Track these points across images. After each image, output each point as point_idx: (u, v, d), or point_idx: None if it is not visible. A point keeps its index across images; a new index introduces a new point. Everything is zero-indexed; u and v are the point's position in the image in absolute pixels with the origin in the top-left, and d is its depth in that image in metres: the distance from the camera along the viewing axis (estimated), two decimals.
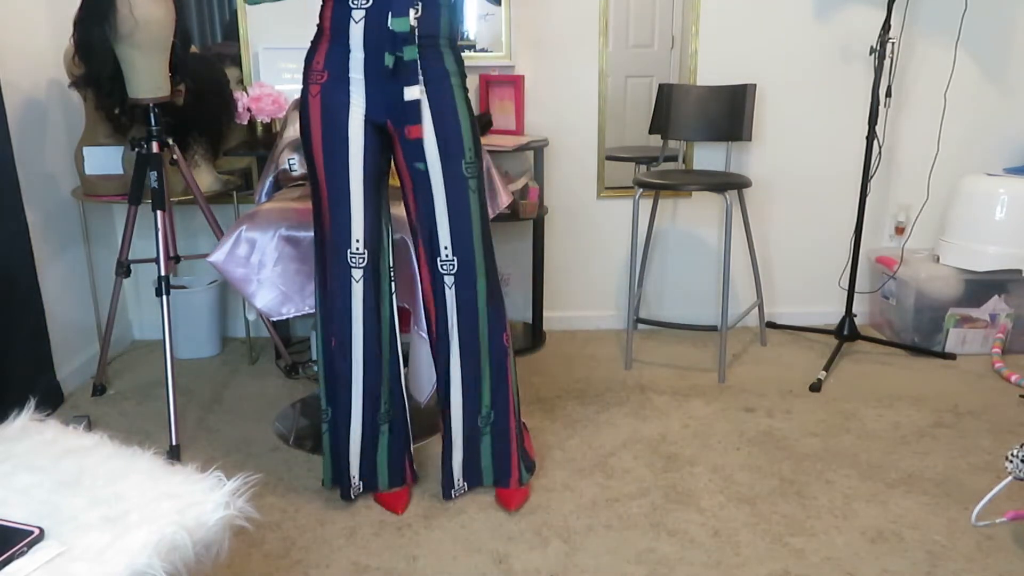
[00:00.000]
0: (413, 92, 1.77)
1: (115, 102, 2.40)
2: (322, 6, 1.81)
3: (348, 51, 1.78)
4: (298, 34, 2.87)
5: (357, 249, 1.88)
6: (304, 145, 1.86)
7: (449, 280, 1.90)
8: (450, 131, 1.83)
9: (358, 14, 1.74)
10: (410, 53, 1.75)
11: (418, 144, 1.81)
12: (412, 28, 1.73)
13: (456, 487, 2.05)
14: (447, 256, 1.89)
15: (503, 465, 2.03)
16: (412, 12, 1.73)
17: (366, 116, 1.82)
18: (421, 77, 1.78)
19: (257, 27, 2.93)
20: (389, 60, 1.75)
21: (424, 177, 1.84)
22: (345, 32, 1.76)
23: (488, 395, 1.98)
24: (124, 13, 2.20)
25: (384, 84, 1.79)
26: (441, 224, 1.86)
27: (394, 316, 1.98)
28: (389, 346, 1.98)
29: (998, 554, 1.83)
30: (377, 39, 1.75)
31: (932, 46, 3.05)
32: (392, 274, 1.98)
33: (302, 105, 1.84)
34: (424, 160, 1.82)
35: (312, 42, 1.84)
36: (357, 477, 2.02)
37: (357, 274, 1.89)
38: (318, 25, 1.83)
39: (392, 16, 1.73)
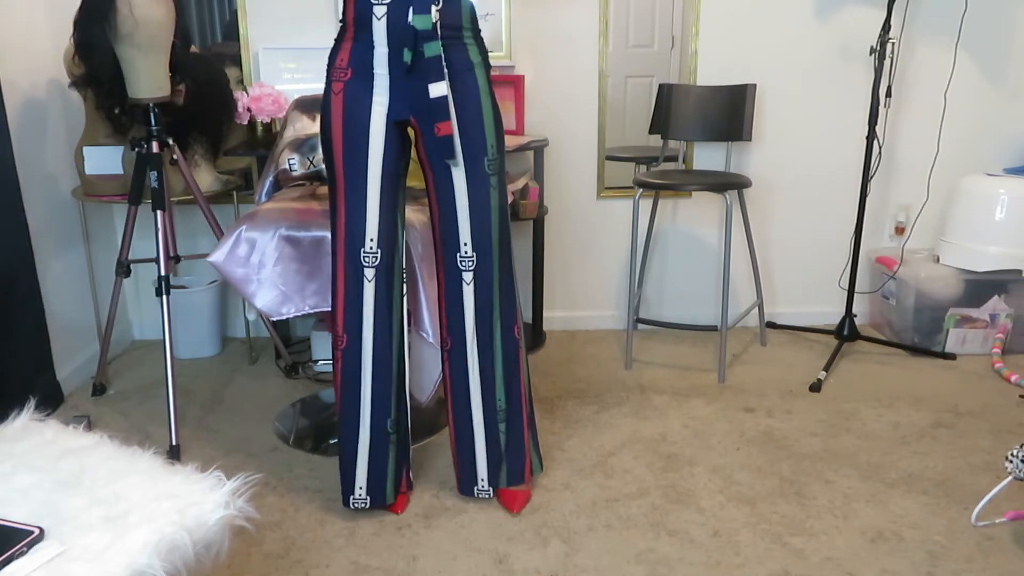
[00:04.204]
0: (439, 88, 1.75)
1: (115, 102, 2.40)
2: (344, 2, 1.79)
3: (372, 47, 1.76)
4: (298, 34, 2.91)
5: (371, 248, 1.87)
6: (323, 142, 1.85)
7: (468, 276, 1.90)
8: (474, 128, 1.82)
9: (380, 10, 1.72)
10: (432, 49, 1.73)
11: (446, 141, 1.80)
12: (434, 24, 1.72)
13: (480, 486, 2.04)
14: (467, 252, 1.88)
15: (515, 462, 2.03)
16: (434, 7, 1.71)
17: (388, 114, 1.80)
18: (446, 71, 1.76)
19: (257, 27, 2.94)
20: (407, 56, 1.73)
21: (447, 173, 1.84)
22: (368, 28, 1.74)
23: (502, 390, 1.98)
24: (124, 13, 2.20)
25: (408, 80, 1.77)
26: (462, 220, 1.86)
27: (404, 317, 1.97)
28: (398, 347, 1.97)
29: (998, 554, 1.83)
30: (400, 35, 1.73)
31: (932, 46, 3.05)
32: (404, 275, 1.97)
33: (324, 102, 1.82)
34: (452, 156, 1.81)
35: (336, 40, 1.82)
36: (365, 491, 1.99)
37: (369, 273, 1.88)
38: (341, 22, 1.81)
39: (413, 12, 1.71)
